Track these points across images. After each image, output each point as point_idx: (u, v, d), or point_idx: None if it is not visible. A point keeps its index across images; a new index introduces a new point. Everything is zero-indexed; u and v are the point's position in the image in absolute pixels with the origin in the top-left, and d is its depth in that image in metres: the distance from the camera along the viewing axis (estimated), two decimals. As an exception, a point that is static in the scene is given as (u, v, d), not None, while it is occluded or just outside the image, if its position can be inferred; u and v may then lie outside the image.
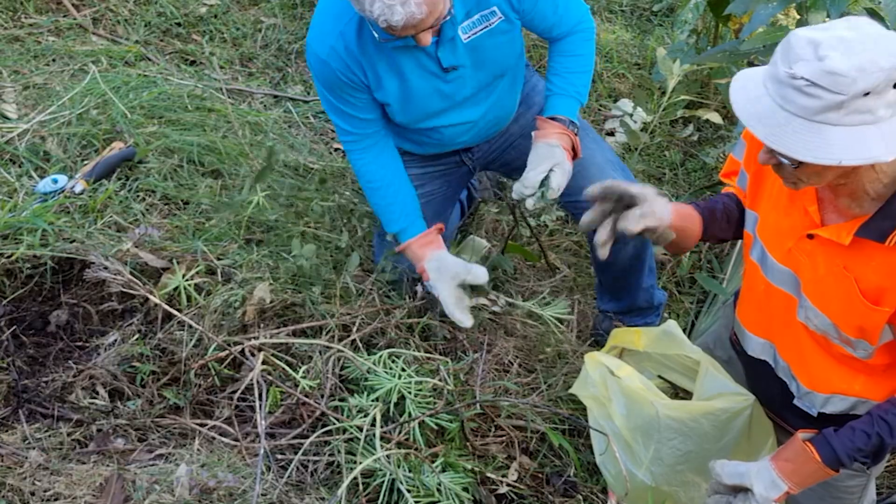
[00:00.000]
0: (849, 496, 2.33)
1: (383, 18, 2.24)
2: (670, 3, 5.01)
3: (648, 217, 2.08)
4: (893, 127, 1.71)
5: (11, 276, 2.65)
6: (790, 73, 1.67)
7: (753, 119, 1.75)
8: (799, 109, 1.69)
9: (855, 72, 1.64)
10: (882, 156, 1.70)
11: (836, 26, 1.72)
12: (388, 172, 2.73)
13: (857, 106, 1.67)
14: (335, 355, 2.55)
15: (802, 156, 1.71)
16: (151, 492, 2.22)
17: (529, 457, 2.61)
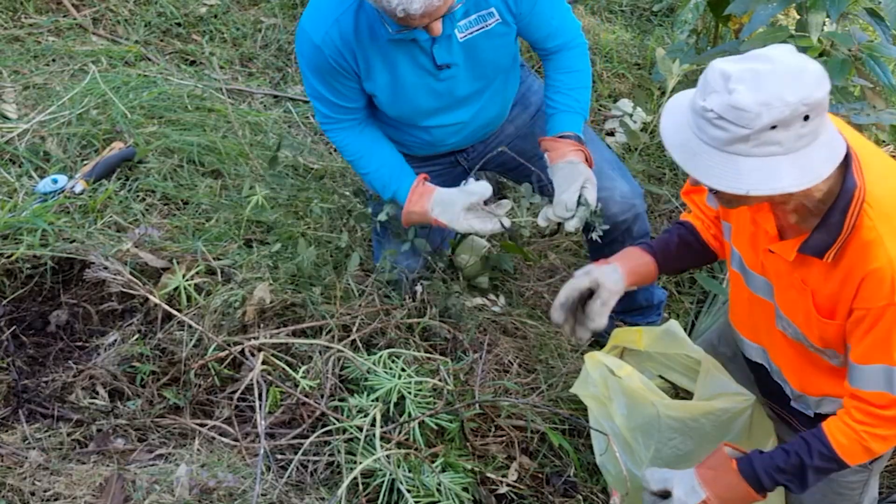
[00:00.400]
0: (850, 492, 2.33)
1: (401, 8, 2.25)
2: (670, 3, 5.00)
3: (609, 302, 2.23)
4: (809, 156, 1.76)
5: (11, 276, 2.65)
6: (702, 106, 1.74)
7: (674, 146, 1.82)
8: (711, 140, 1.75)
9: (759, 107, 1.69)
10: (791, 186, 1.75)
11: (753, 57, 1.76)
12: (368, 142, 2.72)
13: (765, 138, 1.72)
14: (335, 355, 2.55)
15: (714, 184, 1.78)
16: (151, 492, 2.22)
17: (529, 457, 2.61)
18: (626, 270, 2.26)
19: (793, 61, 1.74)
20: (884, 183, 1.89)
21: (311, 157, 3.53)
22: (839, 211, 1.86)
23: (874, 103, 3.40)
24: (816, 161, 1.77)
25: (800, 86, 1.70)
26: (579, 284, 2.24)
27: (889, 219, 1.85)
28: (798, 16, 3.53)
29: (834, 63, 3.19)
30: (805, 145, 1.75)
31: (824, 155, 1.79)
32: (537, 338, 3.07)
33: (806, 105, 1.70)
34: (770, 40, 3.34)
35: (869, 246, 1.85)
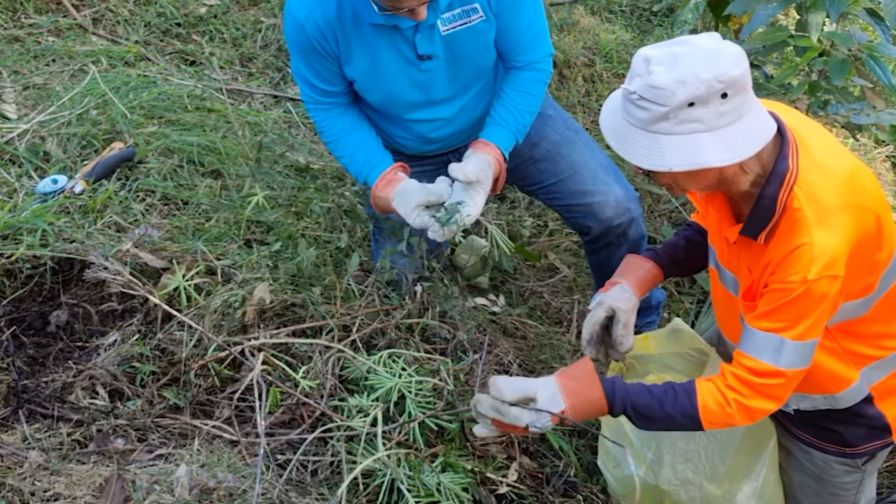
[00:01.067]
0: (845, 492, 2.34)
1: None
2: (670, 3, 5.01)
3: (629, 322, 2.29)
4: (732, 134, 1.83)
5: (11, 276, 2.65)
6: (627, 89, 1.85)
7: (609, 132, 1.93)
8: (637, 122, 1.86)
9: (675, 84, 1.78)
10: (715, 161, 1.82)
11: (674, 42, 1.86)
12: (347, 124, 2.73)
13: (685, 116, 1.80)
14: (335, 355, 2.55)
15: (642, 163, 1.88)
16: (151, 492, 2.22)
17: (529, 457, 2.61)
18: (633, 284, 2.32)
19: (710, 44, 1.83)
20: (820, 170, 1.93)
21: (312, 157, 3.53)
22: (771, 193, 1.92)
23: (874, 103, 3.40)
24: (740, 139, 1.84)
25: (714, 64, 1.78)
26: (597, 317, 2.30)
27: (817, 201, 1.89)
28: (798, 16, 3.53)
29: (834, 63, 3.19)
30: (728, 123, 1.82)
31: (750, 133, 1.85)
32: (537, 338, 3.07)
33: (721, 82, 1.78)
34: (770, 41, 3.35)
35: (795, 225, 1.90)
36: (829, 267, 1.87)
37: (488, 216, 3.53)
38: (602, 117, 1.97)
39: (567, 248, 3.59)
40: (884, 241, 1.98)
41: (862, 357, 2.12)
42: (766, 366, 1.96)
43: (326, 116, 2.73)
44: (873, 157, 4.46)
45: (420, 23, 2.48)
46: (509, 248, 2.77)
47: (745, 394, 2.00)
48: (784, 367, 1.95)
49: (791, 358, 1.94)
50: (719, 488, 2.41)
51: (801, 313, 1.91)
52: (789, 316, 1.91)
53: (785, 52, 4.27)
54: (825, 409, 2.19)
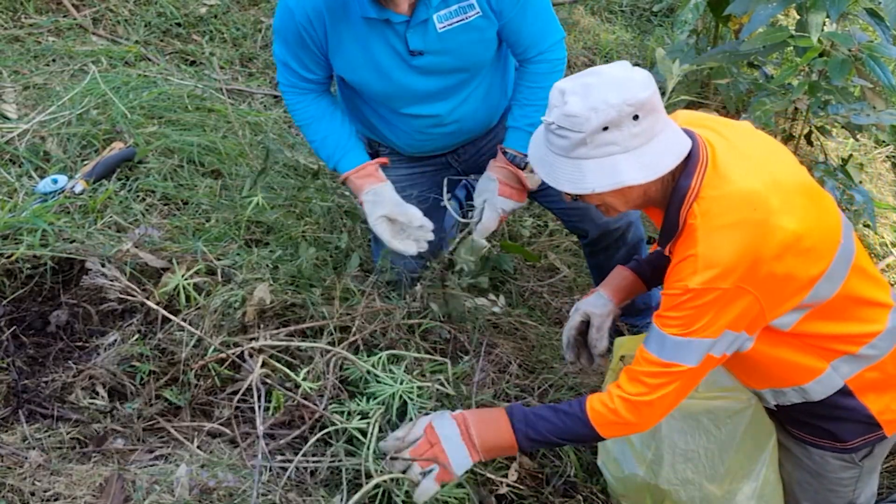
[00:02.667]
0: (842, 489, 2.34)
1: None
2: (670, 3, 5.01)
3: (603, 326, 2.40)
4: (649, 152, 1.95)
5: (11, 276, 2.65)
6: (545, 120, 1.99)
7: (535, 161, 2.07)
8: (558, 149, 1.98)
9: (588, 111, 1.91)
10: (633, 179, 1.95)
11: (586, 74, 1.99)
12: (321, 110, 2.74)
13: (600, 140, 1.93)
14: (335, 356, 2.55)
15: (565, 188, 2.01)
16: (151, 492, 2.22)
17: (529, 457, 2.61)
18: (610, 292, 2.44)
19: (620, 73, 1.96)
20: (722, 187, 2.00)
21: (312, 157, 3.53)
22: (674, 209, 2.03)
23: (874, 103, 3.40)
24: (657, 156, 1.95)
25: (623, 90, 1.91)
26: (573, 322, 2.44)
27: (710, 217, 1.97)
28: (798, 16, 3.53)
29: (834, 63, 3.19)
30: (642, 143, 1.94)
31: (667, 150, 1.97)
32: (537, 338, 3.07)
33: (630, 105, 1.90)
34: (770, 41, 3.35)
35: (687, 238, 2.00)
36: (714, 280, 1.93)
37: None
38: (529, 148, 2.11)
39: (567, 249, 3.59)
40: (810, 251, 1.99)
41: (828, 351, 2.14)
42: (649, 355, 2.05)
43: (301, 100, 2.74)
44: (873, 158, 4.46)
45: (412, 18, 2.48)
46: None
47: (625, 384, 2.08)
48: (666, 360, 2.02)
49: (673, 352, 2.02)
50: (719, 488, 2.41)
51: (684, 316, 1.99)
52: (673, 316, 2.01)
53: (785, 53, 4.27)
54: (801, 402, 2.21)
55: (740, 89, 3.97)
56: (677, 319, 1.99)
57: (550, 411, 2.16)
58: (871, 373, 2.16)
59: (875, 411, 2.19)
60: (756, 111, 3.35)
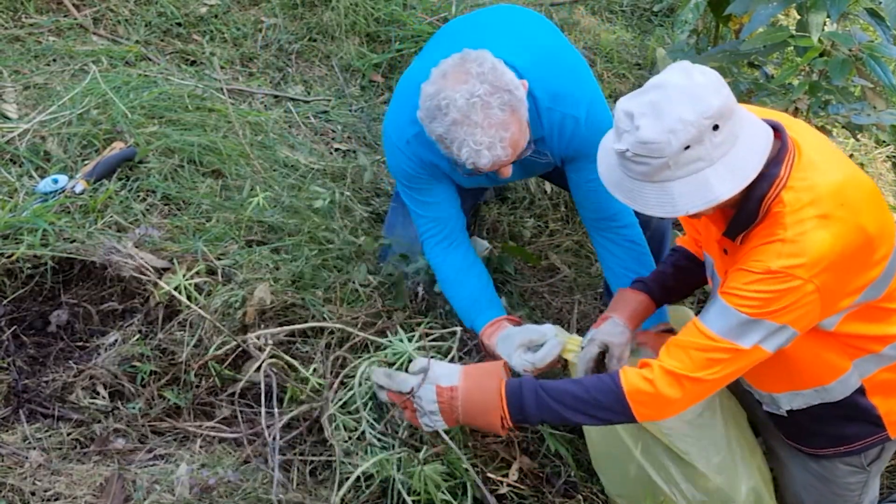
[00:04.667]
0: (849, 493, 2.34)
1: (471, 161, 2.25)
2: (670, 3, 5.00)
3: (623, 356, 2.29)
4: (735, 158, 1.84)
5: (12, 276, 2.65)
6: (617, 149, 1.84)
7: (612, 186, 1.94)
8: (639, 175, 1.86)
9: (665, 135, 1.78)
10: (727, 192, 1.84)
11: (649, 88, 1.84)
12: (455, 266, 2.71)
13: (684, 159, 1.80)
14: (336, 355, 2.56)
15: (655, 213, 1.88)
16: (152, 492, 2.22)
17: (530, 457, 2.61)
18: (625, 318, 2.32)
19: (683, 81, 1.82)
20: (811, 180, 1.93)
21: (312, 157, 3.53)
22: (758, 195, 1.92)
23: (874, 103, 3.40)
24: (743, 159, 1.84)
25: (695, 102, 1.78)
26: (591, 354, 2.31)
27: (800, 210, 1.90)
28: (798, 16, 3.53)
29: (834, 63, 3.19)
30: (728, 149, 1.83)
31: (751, 150, 1.86)
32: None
33: (708, 118, 1.78)
34: (770, 41, 3.34)
35: (773, 224, 1.91)
36: (796, 268, 1.88)
37: (488, 216, 3.54)
38: (601, 171, 1.97)
39: (568, 249, 3.59)
40: (874, 255, 1.97)
41: (855, 349, 2.12)
42: (707, 329, 1.97)
43: (437, 253, 2.71)
44: (874, 158, 4.46)
45: None
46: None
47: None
48: (725, 336, 1.95)
49: (737, 330, 1.94)
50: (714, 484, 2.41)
51: (761, 296, 1.91)
52: (748, 295, 1.92)
53: (785, 52, 4.27)
54: (818, 403, 2.19)
55: (741, 89, 3.96)
56: (751, 298, 1.91)
57: (572, 384, 2.07)
58: (885, 374, 2.15)
59: (883, 412, 2.19)
60: (756, 111, 3.35)
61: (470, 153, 2.23)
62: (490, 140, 2.21)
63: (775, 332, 1.95)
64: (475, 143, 2.21)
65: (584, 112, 2.47)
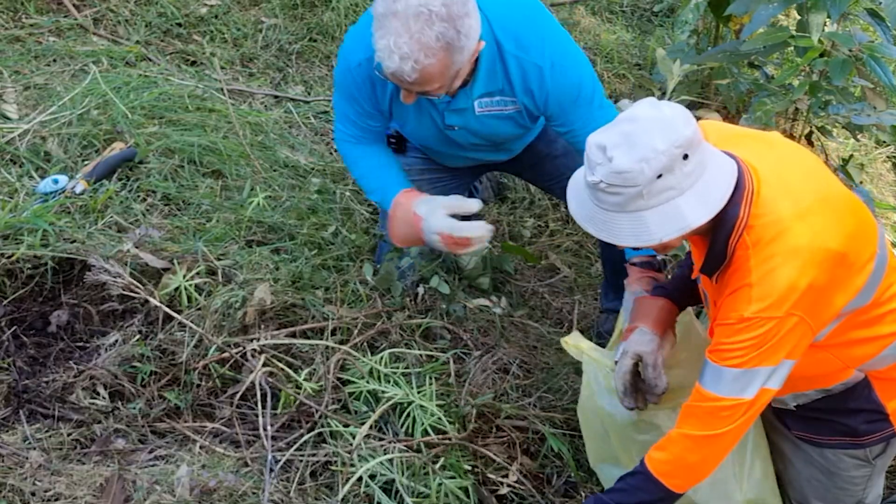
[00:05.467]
0: (853, 486, 2.34)
1: (380, 56, 2.25)
2: (671, 3, 5.00)
3: (657, 363, 2.28)
4: (705, 186, 1.88)
5: (12, 276, 2.65)
6: (591, 181, 1.87)
7: (584, 220, 1.95)
8: (611, 206, 1.89)
9: (638, 164, 1.82)
10: (698, 219, 1.88)
11: (621, 121, 1.88)
12: (369, 152, 2.72)
13: (657, 188, 1.85)
14: (337, 357, 2.56)
15: (629, 243, 1.92)
16: (152, 492, 2.22)
17: (530, 457, 2.61)
18: (651, 324, 2.32)
19: (653, 113, 1.87)
20: (772, 214, 1.95)
21: (312, 157, 3.53)
22: (721, 238, 1.97)
23: (875, 104, 3.40)
24: (712, 188, 1.89)
25: (667, 131, 1.82)
26: (625, 367, 2.30)
27: (763, 247, 1.93)
28: (799, 16, 3.53)
29: (835, 63, 3.19)
30: (697, 178, 1.87)
31: (718, 181, 1.90)
32: (538, 339, 3.07)
33: (678, 147, 1.82)
34: (770, 41, 3.34)
35: (739, 270, 1.96)
36: (769, 309, 1.91)
37: (489, 216, 3.53)
38: (571, 206, 1.99)
39: (568, 249, 3.59)
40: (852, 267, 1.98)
41: (852, 358, 2.14)
42: (706, 392, 2.00)
43: (352, 147, 2.72)
44: (874, 158, 4.46)
45: (452, 101, 2.50)
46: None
47: (683, 423, 2.04)
48: (724, 395, 1.98)
49: (732, 386, 1.97)
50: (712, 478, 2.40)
51: (741, 346, 1.94)
52: (730, 348, 1.96)
53: (786, 53, 4.27)
54: (821, 397, 2.21)
55: (741, 89, 3.97)
56: (735, 351, 1.94)
57: (619, 482, 2.10)
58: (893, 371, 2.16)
59: (891, 410, 2.19)
60: (757, 111, 3.35)
61: (385, 48, 2.22)
62: (407, 52, 2.21)
63: (774, 371, 1.98)
64: (394, 45, 2.21)
65: (549, 63, 2.45)
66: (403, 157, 2.94)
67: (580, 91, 2.54)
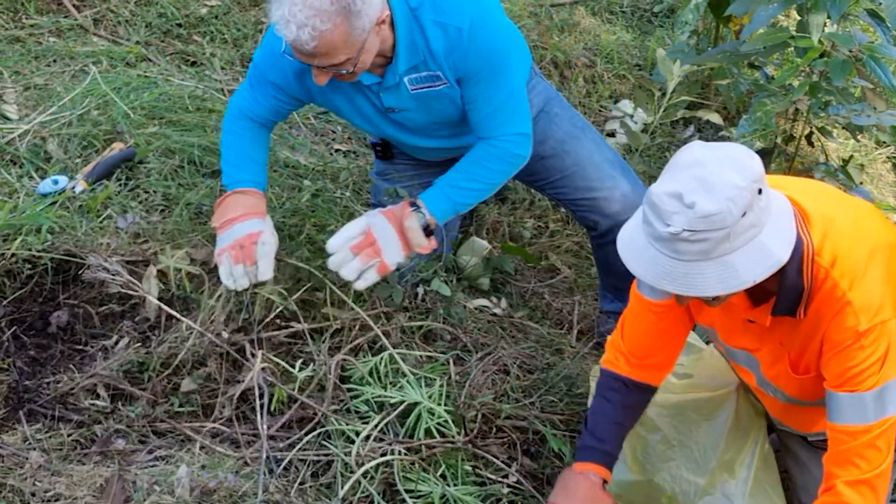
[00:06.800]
0: None
1: (278, 28, 2.24)
2: (671, 3, 5.01)
3: None
4: (777, 220, 1.81)
5: (12, 276, 2.65)
6: (670, 232, 1.75)
7: (658, 278, 1.83)
8: (695, 256, 1.77)
9: (725, 204, 1.72)
10: (784, 254, 1.80)
11: (684, 168, 1.78)
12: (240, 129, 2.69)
13: (741, 227, 1.75)
14: (337, 357, 2.56)
15: (716, 291, 1.80)
16: (152, 493, 2.22)
17: (530, 458, 2.61)
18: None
19: (716, 153, 1.78)
20: (830, 232, 1.93)
21: (312, 157, 3.53)
22: (794, 268, 1.89)
23: (875, 104, 3.40)
24: (782, 221, 1.84)
25: (740, 167, 1.76)
26: None
27: (841, 263, 1.89)
28: (799, 17, 3.53)
29: (835, 64, 3.19)
30: (769, 213, 1.81)
31: (783, 211, 1.85)
32: (538, 339, 3.07)
33: (754, 181, 1.76)
34: (770, 41, 3.35)
35: (828, 295, 1.90)
36: (877, 314, 1.88)
37: (488, 216, 3.53)
38: (634, 268, 1.87)
39: (568, 249, 3.59)
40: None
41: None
42: (853, 427, 1.94)
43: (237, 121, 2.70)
44: (874, 158, 4.46)
45: (383, 80, 2.49)
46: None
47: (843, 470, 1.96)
48: (875, 420, 1.93)
49: (877, 407, 1.92)
50: (712, 480, 2.41)
51: (869, 363, 1.90)
52: (858, 371, 1.90)
53: (786, 53, 4.27)
54: None
55: (741, 90, 3.97)
56: (866, 371, 1.90)
57: None
58: None
59: None
60: (757, 112, 3.35)
61: (281, 18, 2.21)
62: (303, 19, 2.19)
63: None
64: (289, 13, 2.19)
65: (468, 23, 2.42)
66: (391, 163, 2.94)
67: (497, 58, 2.49)
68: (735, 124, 3.99)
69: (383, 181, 2.96)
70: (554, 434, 2.63)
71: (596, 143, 2.94)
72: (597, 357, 2.98)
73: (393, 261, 2.55)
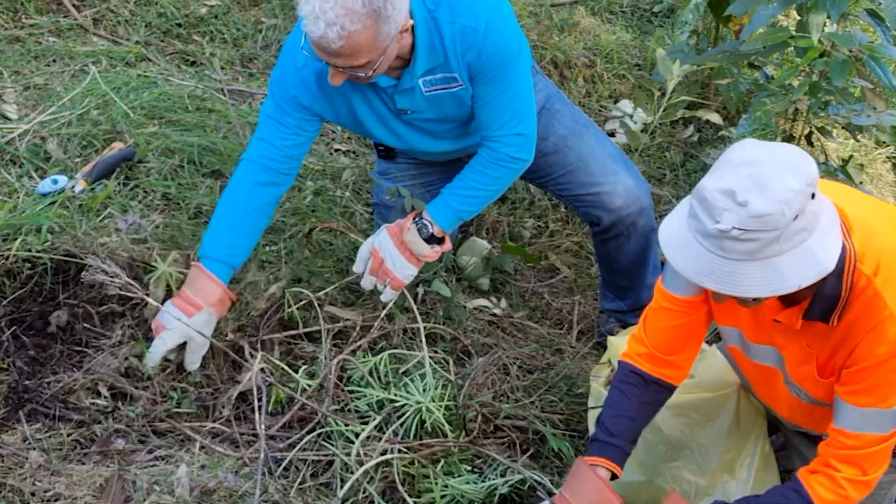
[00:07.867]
0: (878, 491, 2.31)
1: (305, 23, 2.23)
2: (671, 3, 5.01)
3: None
4: (826, 225, 1.79)
5: (11, 276, 2.65)
6: (720, 229, 1.72)
7: (701, 274, 1.79)
8: (742, 255, 1.74)
9: (779, 205, 1.69)
10: (832, 261, 1.77)
11: (738, 165, 1.75)
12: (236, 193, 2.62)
13: (792, 231, 1.73)
14: (337, 357, 2.56)
15: (760, 293, 1.77)
16: (151, 492, 2.22)
17: (530, 458, 2.61)
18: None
19: (773, 153, 1.76)
20: (871, 238, 1.91)
21: (312, 157, 3.54)
22: (835, 275, 1.86)
23: (874, 104, 3.41)
24: (832, 226, 1.81)
25: (797, 171, 1.73)
26: None
27: (884, 272, 1.88)
28: (798, 16, 3.53)
29: (834, 64, 3.19)
30: (819, 218, 1.78)
31: (831, 215, 1.82)
32: (538, 339, 3.07)
33: (809, 185, 1.73)
34: (770, 41, 3.35)
35: (869, 304, 1.88)
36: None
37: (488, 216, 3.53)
38: (676, 262, 1.83)
39: (568, 249, 3.59)
40: None
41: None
42: (872, 436, 1.95)
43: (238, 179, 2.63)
44: (874, 158, 4.46)
45: (399, 83, 2.49)
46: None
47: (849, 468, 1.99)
48: (888, 431, 1.95)
49: (892, 421, 1.94)
50: (713, 480, 2.41)
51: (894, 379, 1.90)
52: (887, 387, 1.90)
53: (786, 53, 4.27)
54: None
55: (741, 90, 3.97)
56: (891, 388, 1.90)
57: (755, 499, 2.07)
58: None
59: None
60: (756, 111, 3.35)
61: (310, 13, 2.19)
62: (333, 17, 2.17)
63: None
64: (319, 9, 2.18)
65: (484, 24, 2.42)
66: (393, 162, 2.94)
67: (507, 59, 2.49)
68: (735, 124, 3.99)
69: (385, 180, 2.96)
70: (554, 434, 2.63)
71: (598, 138, 2.94)
72: (597, 357, 2.99)
73: (403, 275, 2.63)
